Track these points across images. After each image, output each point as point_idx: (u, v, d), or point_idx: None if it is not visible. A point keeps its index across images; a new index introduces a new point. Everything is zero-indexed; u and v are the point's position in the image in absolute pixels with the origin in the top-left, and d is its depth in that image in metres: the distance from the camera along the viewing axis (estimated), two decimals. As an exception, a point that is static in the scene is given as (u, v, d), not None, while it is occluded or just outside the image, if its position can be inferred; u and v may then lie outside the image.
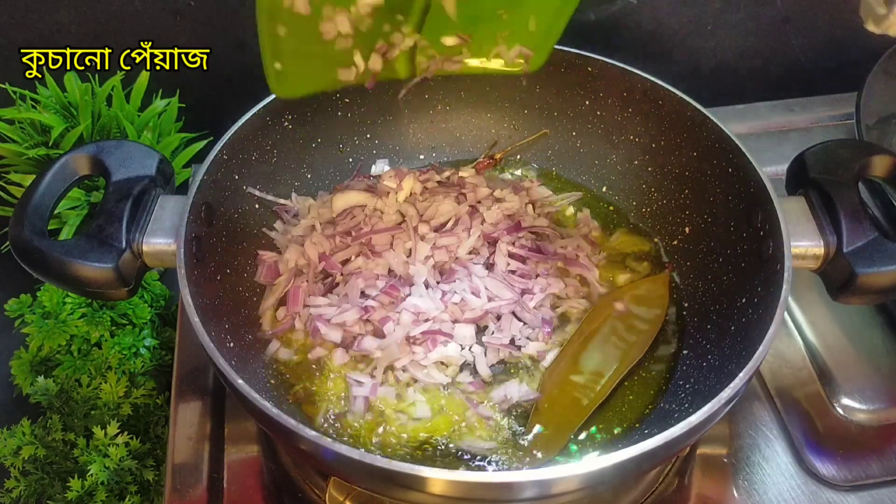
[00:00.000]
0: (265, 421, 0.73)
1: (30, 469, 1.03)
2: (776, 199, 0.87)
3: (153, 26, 1.21)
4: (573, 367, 0.92)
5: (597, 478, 0.69)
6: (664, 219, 1.08)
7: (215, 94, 1.31)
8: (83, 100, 1.09)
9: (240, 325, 0.95)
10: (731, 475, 0.93)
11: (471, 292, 0.96)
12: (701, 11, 1.35)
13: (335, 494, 0.84)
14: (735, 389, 0.73)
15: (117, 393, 1.06)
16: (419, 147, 1.18)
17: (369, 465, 0.67)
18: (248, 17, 1.22)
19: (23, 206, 0.84)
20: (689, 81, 1.06)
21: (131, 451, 1.02)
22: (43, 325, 1.08)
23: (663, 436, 0.69)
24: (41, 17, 1.17)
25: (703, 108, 0.99)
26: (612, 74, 1.06)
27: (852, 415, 0.98)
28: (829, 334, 1.06)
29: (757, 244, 0.90)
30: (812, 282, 0.91)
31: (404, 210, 1.04)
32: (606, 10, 1.32)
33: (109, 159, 0.90)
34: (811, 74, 1.47)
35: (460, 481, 0.67)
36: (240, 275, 0.99)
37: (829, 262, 0.86)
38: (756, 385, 1.01)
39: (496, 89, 1.15)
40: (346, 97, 1.09)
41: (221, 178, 0.95)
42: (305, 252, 0.99)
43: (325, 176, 1.12)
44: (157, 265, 0.87)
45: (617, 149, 1.12)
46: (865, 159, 0.90)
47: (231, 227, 0.98)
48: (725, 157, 0.96)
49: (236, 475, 0.92)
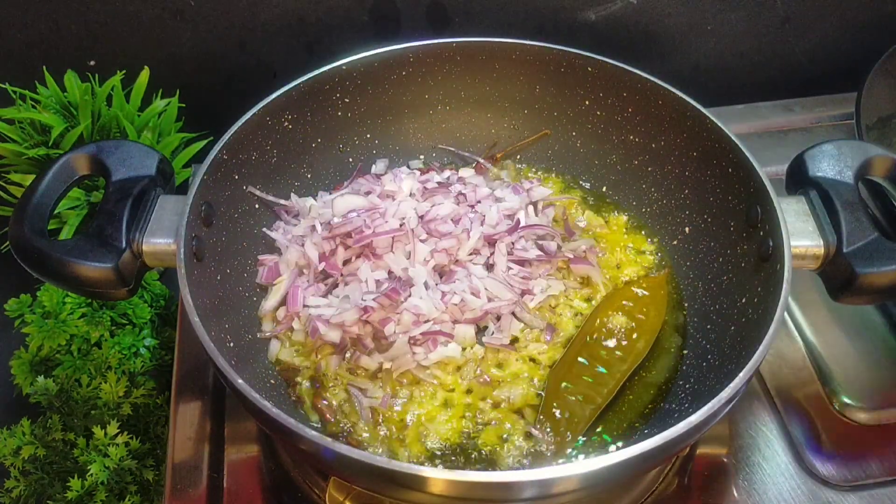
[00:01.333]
0: (265, 421, 0.73)
1: (30, 469, 1.03)
2: (776, 199, 0.87)
3: (153, 26, 1.21)
4: (579, 368, 0.92)
5: (597, 478, 0.69)
6: (664, 219, 1.08)
7: (215, 94, 1.31)
8: (83, 100, 1.09)
9: (240, 325, 0.95)
10: (731, 475, 0.93)
11: (470, 293, 0.96)
12: (701, 11, 1.35)
13: (335, 494, 0.84)
14: (735, 389, 0.73)
15: (117, 393, 1.06)
16: (419, 147, 1.18)
17: (369, 465, 0.67)
18: (248, 17, 1.23)
19: (23, 206, 0.85)
20: (689, 81, 1.06)
21: (131, 451, 1.02)
22: (43, 325, 1.08)
23: (663, 436, 0.69)
24: (41, 17, 1.17)
25: (703, 108, 0.99)
26: (612, 74, 1.06)
27: (852, 415, 0.98)
28: (829, 334, 1.06)
29: (757, 244, 0.90)
30: (812, 282, 0.91)
31: (404, 212, 1.04)
32: (606, 10, 1.32)
33: (109, 159, 0.90)
34: (811, 74, 1.48)
35: (460, 481, 0.67)
36: (240, 275, 0.99)
37: (829, 261, 0.86)
38: (756, 385, 1.01)
39: (496, 89, 1.15)
40: (346, 97, 1.09)
41: (221, 178, 0.95)
42: (306, 252, 0.99)
43: (325, 176, 1.12)
44: (157, 265, 0.87)
45: (617, 149, 1.12)
46: (865, 159, 0.90)
47: (231, 227, 0.98)
48: (725, 157, 0.96)
49: (236, 475, 0.92)
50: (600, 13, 1.32)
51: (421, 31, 1.29)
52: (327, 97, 1.07)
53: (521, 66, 1.11)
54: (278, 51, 1.27)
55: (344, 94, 1.08)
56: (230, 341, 0.89)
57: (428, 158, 1.19)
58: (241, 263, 0.99)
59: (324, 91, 1.06)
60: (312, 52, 1.28)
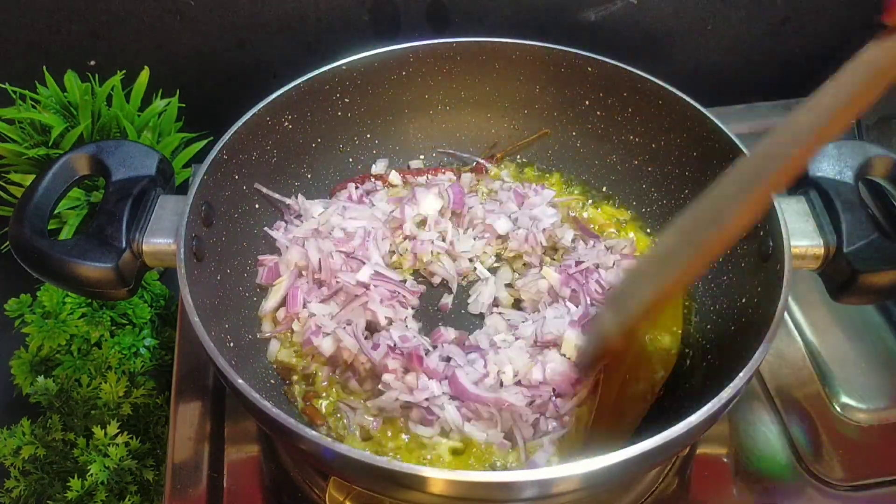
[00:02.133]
0: (265, 421, 0.73)
1: (30, 469, 1.03)
2: (776, 198, 0.87)
3: (153, 26, 1.21)
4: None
5: (597, 478, 0.69)
6: (664, 219, 1.08)
7: (215, 94, 1.31)
8: (83, 99, 1.09)
9: (240, 325, 0.95)
10: (731, 475, 0.93)
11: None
12: (701, 11, 1.35)
13: (335, 494, 0.84)
14: (735, 389, 0.73)
15: (117, 393, 1.06)
16: (419, 147, 1.19)
17: (369, 465, 0.67)
18: (248, 17, 1.23)
19: (23, 206, 0.84)
20: (689, 81, 1.06)
21: (131, 451, 1.02)
22: (43, 325, 1.08)
23: (663, 436, 0.69)
24: (41, 17, 1.17)
25: (703, 108, 0.99)
26: (612, 74, 1.06)
27: (852, 415, 0.98)
28: (829, 334, 1.06)
29: (757, 244, 0.90)
30: (812, 282, 0.91)
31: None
32: (606, 10, 1.32)
33: (109, 159, 0.90)
34: (811, 74, 1.47)
35: (460, 481, 0.67)
36: (240, 275, 0.99)
37: (829, 262, 0.86)
38: (756, 385, 1.01)
39: (496, 89, 1.15)
40: (346, 97, 1.09)
41: (221, 178, 0.95)
42: (307, 254, 0.99)
43: (325, 176, 1.12)
44: (157, 265, 0.87)
45: (617, 149, 1.12)
46: (865, 159, 0.90)
47: (231, 227, 0.98)
48: (725, 157, 0.96)
49: (236, 475, 0.92)
50: (600, 13, 1.32)
51: (421, 31, 1.29)
52: (327, 97, 1.07)
53: (521, 66, 1.11)
54: (278, 51, 1.27)
55: (344, 94, 1.08)
56: (230, 341, 0.89)
57: (428, 158, 1.19)
58: (241, 263, 0.99)
59: (324, 91, 1.06)
60: (312, 52, 1.28)
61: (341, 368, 0.93)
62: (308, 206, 1.05)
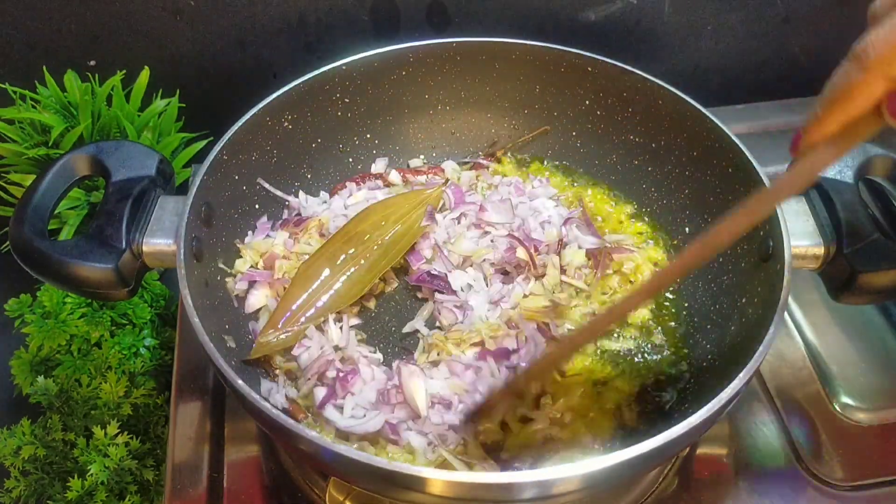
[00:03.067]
0: (265, 421, 0.73)
1: (30, 469, 1.03)
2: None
3: (153, 26, 1.21)
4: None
5: (597, 478, 0.69)
6: (664, 219, 1.08)
7: (215, 94, 1.31)
8: (83, 100, 1.09)
9: (240, 325, 0.95)
10: (731, 475, 0.93)
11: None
12: (701, 11, 1.35)
13: (335, 494, 0.84)
14: (735, 389, 0.73)
15: (117, 393, 1.06)
16: (419, 147, 1.19)
17: (369, 465, 0.67)
18: (247, 17, 1.23)
19: (23, 206, 0.85)
20: (689, 81, 1.06)
21: (131, 451, 1.02)
22: (43, 325, 1.08)
23: (663, 436, 0.68)
24: (40, 17, 1.17)
25: (703, 108, 0.99)
26: (612, 74, 1.06)
27: (852, 415, 0.98)
28: (829, 334, 1.06)
29: (757, 244, 0.90)
30: (812, 282, 0.91)
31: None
32: (606, 10, 1.32)
33: (109, 159, 0.90)
34: (811, 74, 1.47)
35: (460, 482, 0.67)
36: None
37: (829, 262, 0.86)
38: (756, 385, 1.01)
39: (496, 89, 1.15)
40: (346, 97, 1.09)
41: (221, 178, 0.95)
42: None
43: (325, 176, 1.12)
44: (157, 265, 0.87)
45: (617, 149, 1.12)
46: (865, 159, 0.90)
47: (231, 227, 0.98)
48: (725, 157, 0.96)
49: (236, 475, 0.92)
50: (600, 13, 1.32)
51: (421, 31, 1.29)
52: (327, 97, 1.07)
53: (521, 66, 1.11)
54: (278, 51, 1.27)
55: (344, 94, 1.08)
56: (230, 341, 0.90)
57: (428, 158, 1.19)
58: (241, 264, 0.99)
59: (324, 91, 1.06)
60: (312, 52, 1.28)
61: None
62: (311, 202, 1.05)
